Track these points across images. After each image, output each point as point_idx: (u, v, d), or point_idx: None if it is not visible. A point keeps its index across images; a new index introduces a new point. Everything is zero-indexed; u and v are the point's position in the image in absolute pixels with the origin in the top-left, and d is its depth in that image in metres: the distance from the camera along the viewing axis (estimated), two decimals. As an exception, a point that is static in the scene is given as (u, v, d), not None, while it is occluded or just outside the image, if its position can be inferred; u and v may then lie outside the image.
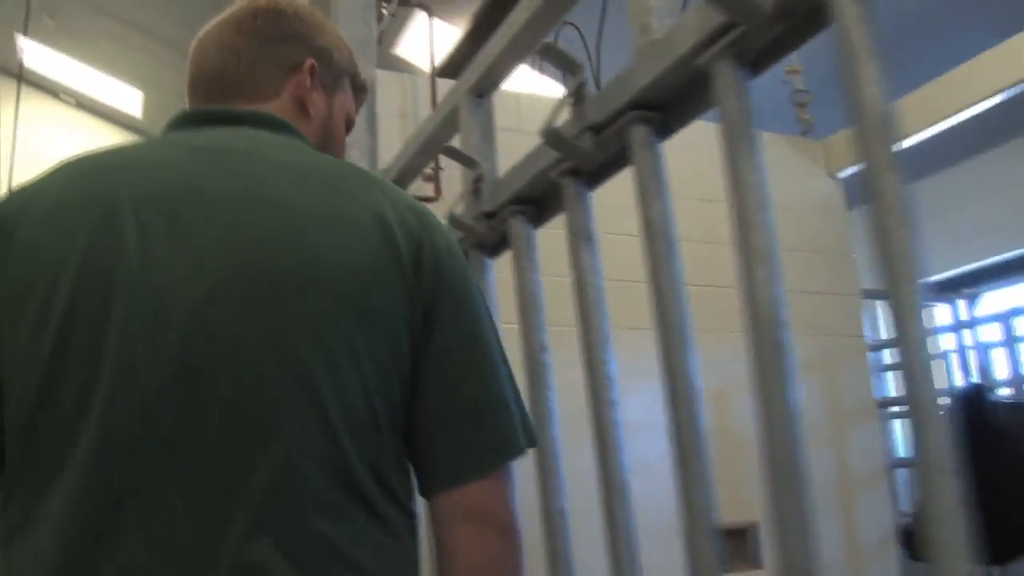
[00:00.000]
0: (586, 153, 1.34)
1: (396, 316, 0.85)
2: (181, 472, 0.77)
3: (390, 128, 2.71)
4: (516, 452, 0.89)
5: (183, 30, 6.90)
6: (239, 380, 0.79)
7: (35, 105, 7.75)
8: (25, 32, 6.88)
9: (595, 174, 1.39)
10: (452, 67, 4.06)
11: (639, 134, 1.23)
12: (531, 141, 1.46)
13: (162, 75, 7.64)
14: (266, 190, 0.86)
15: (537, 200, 1.50)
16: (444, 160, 2.63)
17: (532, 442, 0.91)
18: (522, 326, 1.45)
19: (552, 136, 1.34)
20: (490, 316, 0.93)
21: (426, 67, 3.18)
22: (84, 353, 0.79)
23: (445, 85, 2.81)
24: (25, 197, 0.88)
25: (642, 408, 2.04)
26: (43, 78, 7.99)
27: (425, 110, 2.84)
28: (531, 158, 1.47)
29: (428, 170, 2.64)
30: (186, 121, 0.99)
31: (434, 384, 0.87)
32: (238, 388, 0.79)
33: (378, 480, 0.84)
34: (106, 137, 8.77)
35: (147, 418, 0.77)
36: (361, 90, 1.16)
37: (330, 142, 1.07)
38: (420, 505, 0.92)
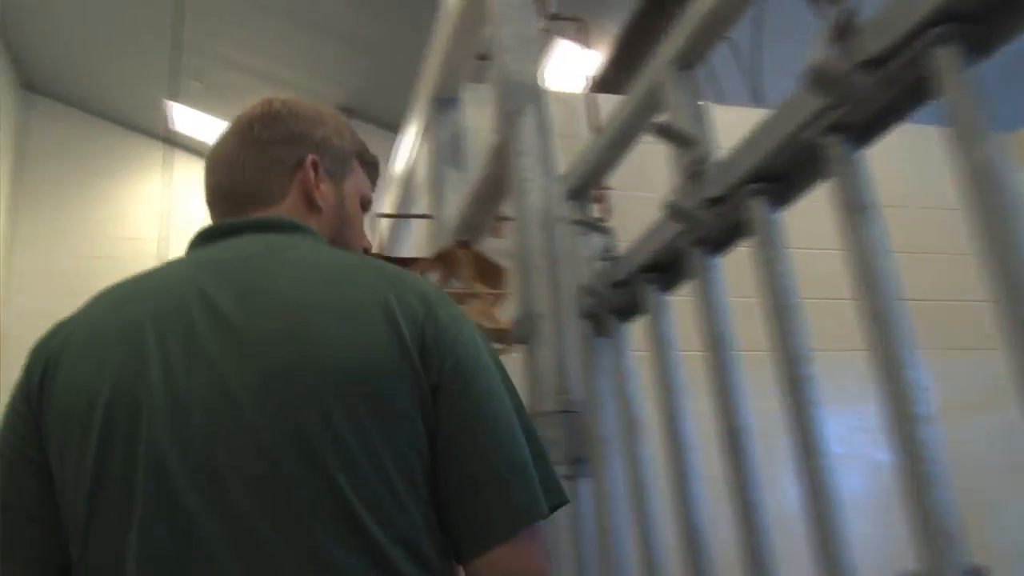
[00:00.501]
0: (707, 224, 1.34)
1: (406, 399, 0.88)
2: (207, 561, 0.82)
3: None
4: (538, 515, 0.90)
5: (320, 80, 7.23)
6: (257, 477, 0.84)
7: (186, 168, 8.23)
8: (174, 97, 7.35)
9: (719, 243, 1.39)
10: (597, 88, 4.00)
11: (757, 205, 1.25)
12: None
13: (301, 127, 8.01)
14: (276, 292, 0.92)
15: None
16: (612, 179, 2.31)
17: (559, 499, 0.92)
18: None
19: (673, 209, 1.38)
20: (502, 379, 0.95)
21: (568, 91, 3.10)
22: (119, 476, 0.85)
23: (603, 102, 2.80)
24: (65, 333, 0.97)
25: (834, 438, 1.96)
26: (192, 140, 8.48)
27: (582, 129, 2.78)
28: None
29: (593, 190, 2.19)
30: (204, 238, 1.05)
31: (452, 459, 0.90)
32: (257, 484, 0.84)
33: (409, 553, 0.86)
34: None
35: (181, 524, 0.83)
36: (372, 165, 1.19)
37: (346, 227, 1.12)
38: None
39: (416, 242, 3.49)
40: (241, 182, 1.09)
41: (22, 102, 8.81)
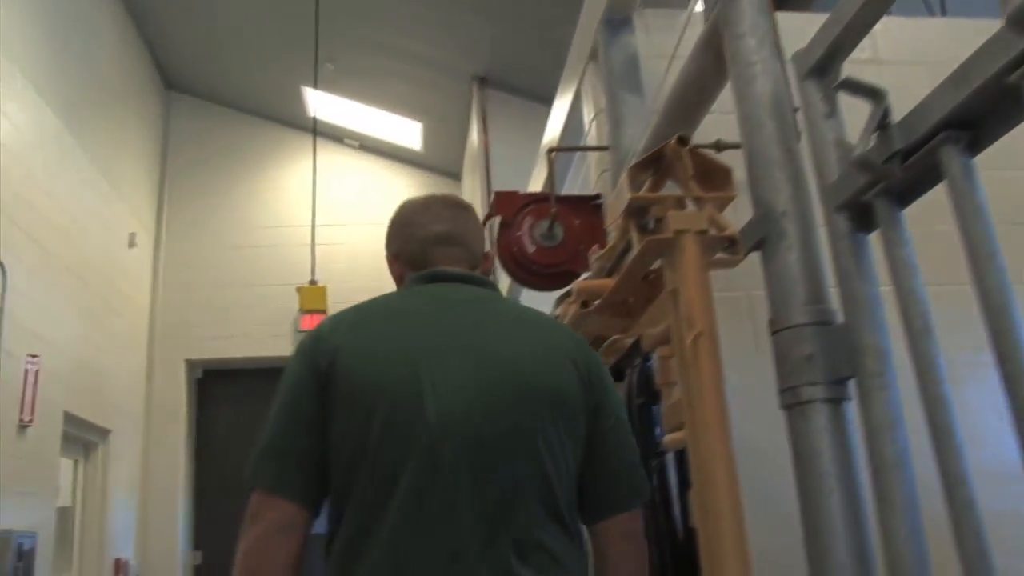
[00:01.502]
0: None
1: (579, 412, 1.42)
2: (462, 513, 1.30)
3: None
4: (647, 496, 1.49)
5: (453, 52, 7.10)
6: (495, 457, 1.34)
7: (324, 154, 8.23)
8: (315, 84, 7.32)
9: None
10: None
11: (950, 154, 1.16)
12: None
13: (439, 103, 7.88)
14: (501, 331, 1.46)
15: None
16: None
17: (650, 491, 1.52)
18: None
19: (861, 162, 1.29)
20: (621, 402, 1.55)
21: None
22: (398, 442, 1.33)
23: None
24: (339, 338, 1.44)
25: None
26: (328, 125, 8.48)
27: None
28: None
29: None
30: (433, 278, 1.55)
31: (599, 452, 1.44)
32: (495, 462, 1.34)
33: (570, 512, 1.40)
34: (389, 177, 9.19)
35: (442, 482, 1.32)
36: None
37: None
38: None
39: (585, 177, 3.25)
40: (459, 234, 1.60)
41: (164, 102, 9.02)
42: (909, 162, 1.25)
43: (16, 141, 5.85)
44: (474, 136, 7.35)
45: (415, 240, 1.58)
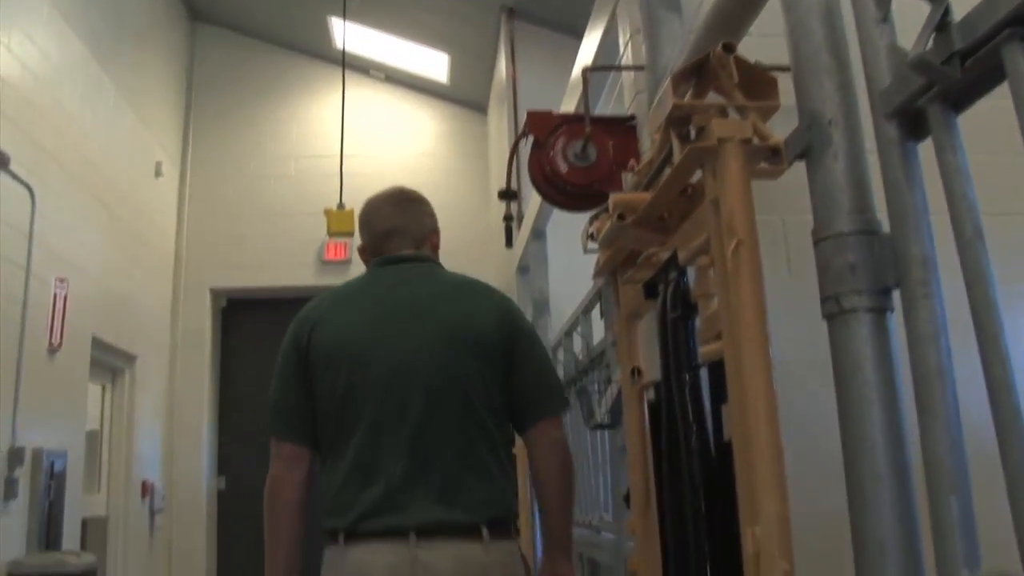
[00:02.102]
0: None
1: (498, 354, 1.92)
2: (401, 433, 1.85)
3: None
4: (565, 407, 2.02)
5: (482, -20, 6.98)
6: (430, 386, 1.86)
7: (350, 85, 8.16)
8: (343, 14, 7.23)
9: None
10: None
11: (1014, 51, 1.10)
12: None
13: (466, 34, 7.77)
14: (434, 298, 1.98)
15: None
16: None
17: (568, 404, 2.13)
18: None
19: (918, 63, 1.23)
20: (539, 340, 2.08)
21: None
22: (362, 383, 1.87)
23: None
24: (320, 312, 2.00)
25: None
26: (354, 57, 8.39)
27: None
28: None
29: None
30: (385, 262, 2.07)
31: (518, 381, 1.95)
32: (431, 390, 1.86)
33: (501, 435, 1.92)
34: (414, 108, 9.11)
35: (388, 410, 1.86)
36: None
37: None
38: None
39: (618, 100, 3.20)
40: (402, 224, 2.11)
41: (190, 32, 8.95)
42: (969, 63, 1.20)
43: (43, 68, 5.84)
44: (502, 69, 7.25)
45: (370, 236, 2.12)
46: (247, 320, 8.93)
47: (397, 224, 2.08)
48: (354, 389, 1.87)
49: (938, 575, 1.24)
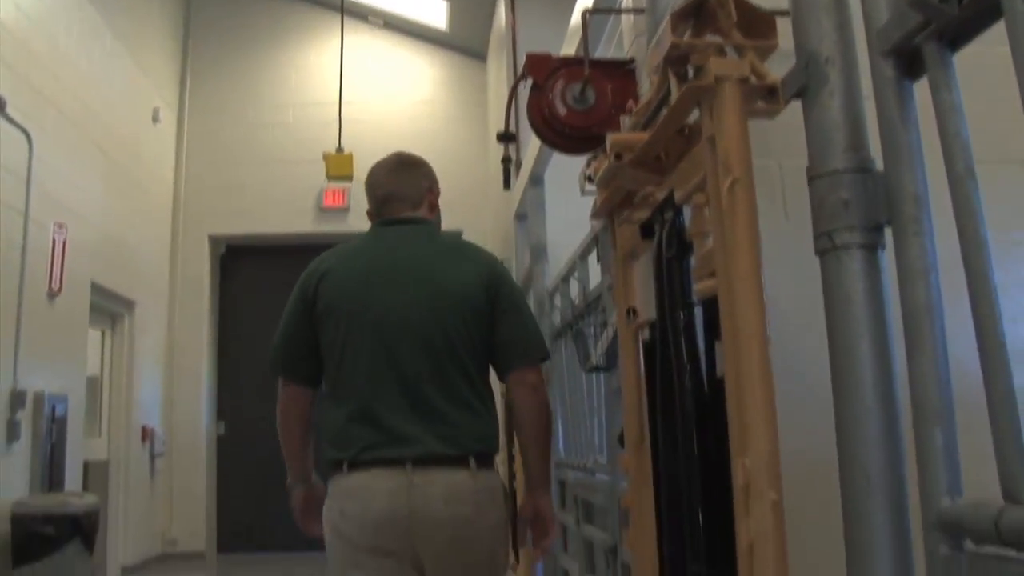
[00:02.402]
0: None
1: (482, 306, 2.14)
2: (397, 379, 2.08)
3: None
4: (545, 356, 2.23)
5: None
6: (421, 336, 2.10)
7: (347, 32, 8.08)
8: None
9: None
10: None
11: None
12: None
13: (465, -20, 7.69)
14: (428, 257, 2.20)
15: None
16: None
17: (547, 355, 2.27)
18: None
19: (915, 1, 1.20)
20: (522, 294, 2.33)
21: None
22: (361, 334, 2.11)
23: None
24: (326, 265, 2.21)
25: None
26: (352, 2, 8.31)
27: None
28: None
29: None
30: (384, 223, 2.31)
31: (499, 330, 2.16)
32: (421, 340, 2.09)
33: (479, 373, 2.16)
34: (413, 55, 9.04)
35: (384, 359, 2.09)
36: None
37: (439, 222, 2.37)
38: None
39: (618, 44, 3.19)
40: (399, 190, 2.32)
41: (187, -25, 8.85)
42: (966, 0, 1.21)
43: (39, 11, 5.79)
44: (501, 15, 7.20)
45: (373, 201, 2.35)
46: (246, 267, 8.95)
47: (394, 190, 2.30)
48: (353, 337, 2.11)
49: (921, 503, 1.27)
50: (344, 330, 2.12)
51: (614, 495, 3.35)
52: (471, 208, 8.24)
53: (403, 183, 2.31)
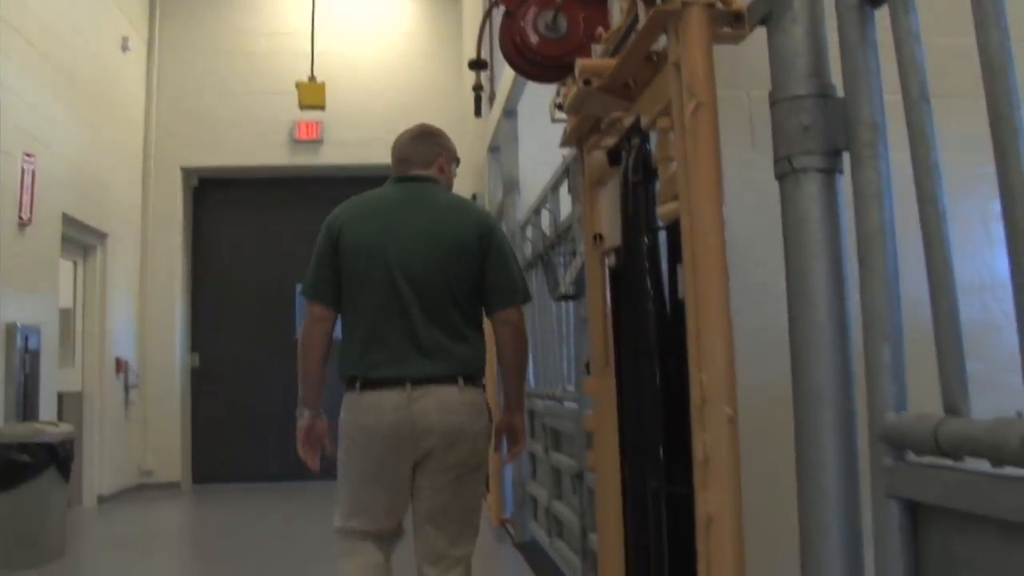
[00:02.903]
0: None
1: (475, 255, 2.50)
2: (400, 311, 2.46)
3: None
4: (526, 299, 2.60)
5: None
6: (423, 276, 2.46)
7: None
8: None
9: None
10: None
11: None
12: None
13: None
14: (431, 211, 2.58)
15: None
16: None
17: (528, 298, 2.64)
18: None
19: None
20: (511, 246, 2.69)
21: None
22: (374, 270, 2.48)
23: None
24: (346, 215, 2.60)
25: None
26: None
27: None
28: None
29: None
30: (398, 179, 2.69)
31: (488, 276, 2.52)
32: (423, 280, 2.46)
33: (471, 311, 2.54)
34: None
35: (392, 292, 2.47)
36: (457, 160, 2.85)
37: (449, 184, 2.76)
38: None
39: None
40: (413, 155, 2.70)
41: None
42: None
43: (2, -70, 5.64)
44: (477, -55, 7.09)
45: (393, 161, 2.74)
46: (220, 199, 8.89)
47: (410, 153, 2.70)
48: (368, 276, 2.50)
49: (868, 417, 1.33)
50: (361, 267, 2.51)
51: (581, 423, 3.42)
52: (446, 142, 8.18)
53: (418, 147, 2.71)
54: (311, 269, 2.61)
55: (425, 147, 2.72)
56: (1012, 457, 1.06)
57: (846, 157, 1.46)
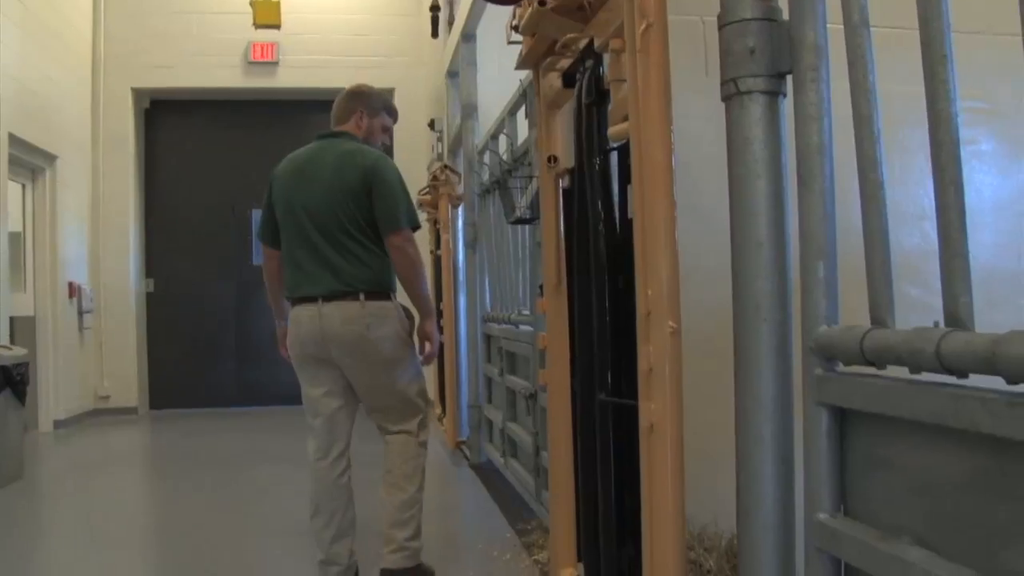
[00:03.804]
0: None
1: (363, 194, 3.00)
2: (309, 246, 3.04)
3: None
4: (407, 225, 3.04)
5: None
6: (321, 215, 3.02)
7: None
8: None
9: None
10: None
11: None
12: None
13: None
14: (332, 159, 3.08)
15: None
16: None
17: (415, 223, 3.10)
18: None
19: None
20: (398, 181, 3.10)
21: None
22: (290, 215, 3.09)
23: None
24: (276, 171, 3.23)
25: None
26: None
27: None
28: None
29: None
30: (319, 136, 3.24)
31: (376, 207, 3.01)
32: (322, 218, 3.02)
33: (364, 237, 3.02)
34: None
35: (302, 230, 3.06)
36: (392, 112, 3.37)
37: (368, 138, 3.23)
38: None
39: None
40: (336, 114, 3.27)
41: None
42: None
43: None
44: None
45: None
46: (172, 122, 8.74)
47: (335, 112, 3.28)
48: (287, 218, 3.11)
49: (803, 328, 1.40)
50: (282, 213, 3.12)
51: (535, 344, 3.50)
52: (403, 67, 8.11)
53: (340, 105, 3.28)
54: (260, 218, 3.29)
55: (346, 104, 3.25)
56: (928, 363, 1.13)
57: (790, 81, 1.51)
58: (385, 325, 3.02)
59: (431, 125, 7.14)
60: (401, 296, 3.14)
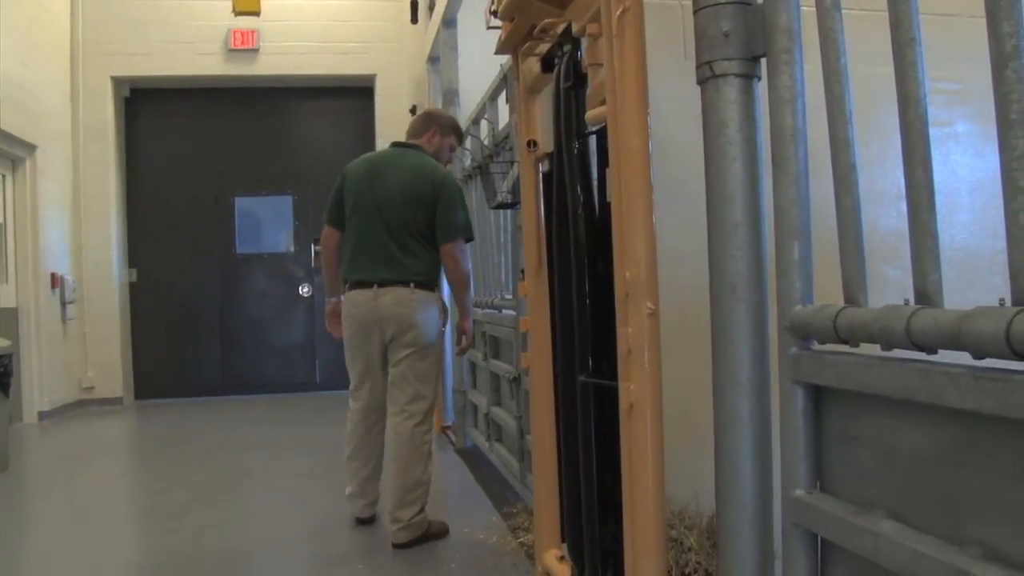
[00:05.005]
0: None
1: (429, 202, 3.56)
2: (373, 236, 3.59)
3: None
4: (460, 237, 3.61)
5: None
6: (390, 212, 3.57)
7: None
8: None
9: None
10: None
11: None
12: None
13: None
14: (404, 169, 3.63)
15: None
16: None
17: (469, 236, 3.69)
18: None
19: None
20: (461, 198, 3.68)
21: None
22: (358, 207, 3.64)
23: None
24: (352, 166, 3.78)
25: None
26: None
27: None
28: None
29: None
30: (394, 144, 3.89)
31: (437, 217, 3.56)
32: (390, 215, 3.57)
33: (424, 240, 3.59)
34: None
35: (374, 226, 3.60)
36: (459, 133, 3.95)
37: (437, 154, 3.78)
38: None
39: None
40: (412, 129, 3.86)
41: None
42: None
43: None
44: None
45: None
46: (152, 110, 8.68)
47: (411, 127, 3.82)
48: (356, 208, 3.61)
49: (778, 307, 1.43)
50: (352, 203, 3.62)
51: (518, 328, 3.52)
52: (384, 53, 8.08)
53: (415, 122, 3.83)
54: (329, 203, 3.77)
55: (422, 123, 3.81)
56: (899, 340, 1.16)
57: (764, 64, 1.53)
58: (428, 310, 3.55)
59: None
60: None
